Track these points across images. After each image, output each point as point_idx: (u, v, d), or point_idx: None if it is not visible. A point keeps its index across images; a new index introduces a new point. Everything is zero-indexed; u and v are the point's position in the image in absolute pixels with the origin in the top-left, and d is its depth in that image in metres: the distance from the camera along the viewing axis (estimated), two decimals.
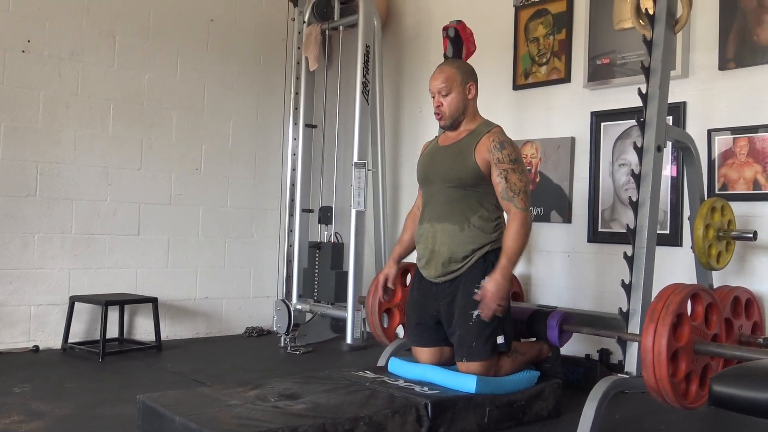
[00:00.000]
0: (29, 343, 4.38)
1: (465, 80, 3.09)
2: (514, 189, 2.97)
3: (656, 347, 2.68)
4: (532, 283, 4.56)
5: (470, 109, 3.14)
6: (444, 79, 3.05)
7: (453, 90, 3.05)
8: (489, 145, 3.01)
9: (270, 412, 2.48)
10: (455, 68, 3.10)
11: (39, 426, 2.83)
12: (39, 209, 4.42)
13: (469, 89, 3.11)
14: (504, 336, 2.97)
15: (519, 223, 2.95)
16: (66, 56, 4.52)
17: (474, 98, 3.14)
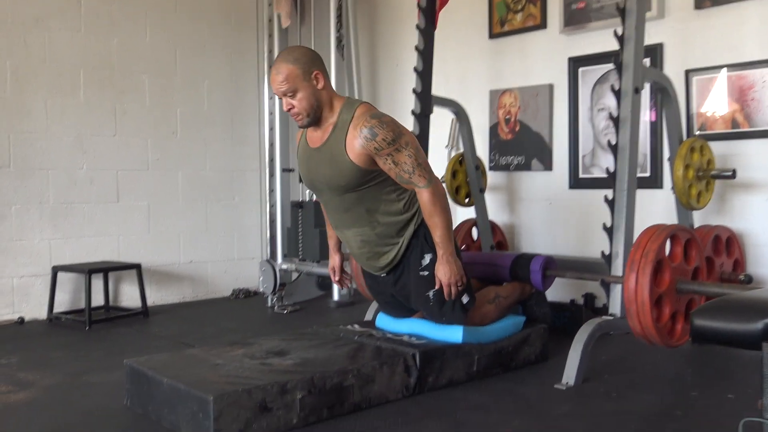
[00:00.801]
0: (14, 315, 4.36)
1: (308, 72, 2.63)
2: (407, 169, 2.66)
3: (639, 297, 2.72)
4: (515, 231, 4.58)
5: (325, 98, 2.69)
6: (284, 80, 2.61)
7: (299, 87, 2.62)
8: (359, 137, 2.63)
9: (258, 370, 2.48)
10: (292, 63, 2.62)
11: (28, 396, 2.83)
12: (14, 181, 4.35)
13: (316, 78, 2.65)
14: (466, 293, 2.91)
15: (429, 201, 2.69)
16: (31, 23, 4.40)
17: (325, 86, 2.69)
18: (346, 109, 2.71)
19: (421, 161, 2.70)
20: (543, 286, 3.29)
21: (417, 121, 3.86)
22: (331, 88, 2.76)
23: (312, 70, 2.65)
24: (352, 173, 2.69)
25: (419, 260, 2.87)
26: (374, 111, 2.72)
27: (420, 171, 2.68)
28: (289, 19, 5.00)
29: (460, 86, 4.78)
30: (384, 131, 2.62)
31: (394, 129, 2.65)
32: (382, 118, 2.66)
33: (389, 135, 2.62)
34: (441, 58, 4.77)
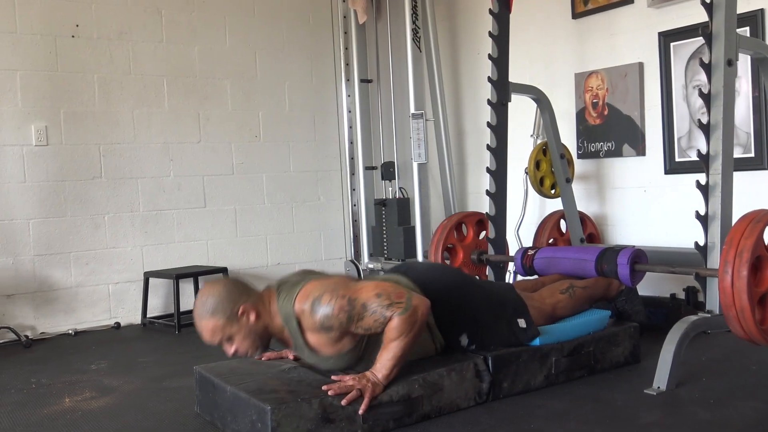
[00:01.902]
0: (111, 320, 4.51)
1: (232, 315, 2.32)
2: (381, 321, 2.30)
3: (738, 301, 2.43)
4: (607, 222, 4.30)
5: (265, 321, 2.39)
6: (211, 336, 2.35)
7: (232, 333, 2.34)
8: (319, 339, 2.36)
9: (322, 381, 2.40)
10: (210, 317, 2.32)
11: (108, 402, 2.88)
12: (106, 190, 4.51)
13: (245, 315, 2.34)
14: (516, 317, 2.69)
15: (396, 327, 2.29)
16: (115, 37, 4.53)
17: (258, 313, 2.36)
18: (287, 318, 2.37)
19: (389, 301, 2.29)
20: (632, 282, 3.04)
21: (493, 111, 3.68)
22: (262, 301, 2.40)
23: (236, 310, 2.31)
24: (346, 358, 2.41)
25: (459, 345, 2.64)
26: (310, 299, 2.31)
27: (391, 310, 2.28)
28: (365, 15, 4.92)
29: (546, 71, 4.55)
30: (335, 318, 2.27)
31: (342, 305, 2.27)
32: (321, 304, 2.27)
33: (343, 317, 2.27)
34: (524, 42, 4.60)
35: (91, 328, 4.42)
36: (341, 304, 2.27)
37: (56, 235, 4.35)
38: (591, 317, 2.90)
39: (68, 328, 4.35)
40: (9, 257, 4.22)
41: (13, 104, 4.22)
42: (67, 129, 4.38)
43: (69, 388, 3.11)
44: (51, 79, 4.33)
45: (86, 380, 3.24)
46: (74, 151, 4.41)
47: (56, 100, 4.34)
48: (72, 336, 4.29)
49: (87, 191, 4.45)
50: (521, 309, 2.74)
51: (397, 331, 2.30)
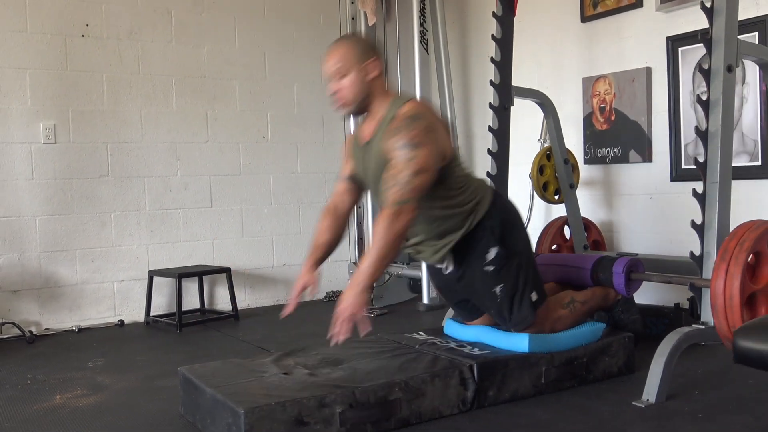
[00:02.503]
0: (115, 317, 4.55)
1: (362, 57, 2.49)
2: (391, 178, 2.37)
3: (728, 291, 2.39)
4: (614, 229, 4.23)
5: (375, 90, 2.53)
6: (335, 61, 2.48)
7: (349, 71, 2.48)
8: (390, 132, 2.43)
9: (302, 382, 2.39)
10: (348, 46, 2.52)
11: (97, 400, 2.90)
12: (113, 189, 4.55)
13: (370, 68, 2.50)
14: (535, 290, 2.69)
15: (381, 220, 2.34)
16: (124, 36, 4.57)
17: (378, 77, 2.52)
18: (392, 106, 2.52)
19: (414, 184, 2.34)
20: (627, 291, 2.99)
21: (495, 115, 3.64)
22: (385, 82, 2.60)
23: (367, 58, 2.50)
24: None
25: (484, 254, 2.66)
26: (414, 112, 2.44)
27: (399, 188, 2.33)
28: (374, 16, 4.91)
29: (553, 74, 4.49)
30: (404, 133, 2.37)
31: (415, 136, 2.36)
32: (413, 122, 2.39)
33: (404, 140, 2.36)
34: (533, 46, 4.55)
35: (95, 325, 4.46)
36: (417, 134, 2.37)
37: (62, 232, 4.40)
38: (584, 329, 2.84)
39: (72, 324, 4.39)
40: (16, 253, 4.27)
41: (22, 102, 4.27)
42: (75, 127, 4.42)
43: (62, 385, 3.13)
44: (60, 78, 4.38)
45: (81, 377, 3.27)
46: (82, 150, 4.45)
47: (65, 99, 4.39)
48: (76, 333, 4.33)
49: (94, 189, 4.49)
50: (542, 292, 2.73)
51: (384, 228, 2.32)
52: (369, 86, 2.51)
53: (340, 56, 2.49)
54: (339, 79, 2.49)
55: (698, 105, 2.73)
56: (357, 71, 2.48)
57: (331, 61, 2.50)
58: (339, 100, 2.54)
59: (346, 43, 2.54)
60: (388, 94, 2.57)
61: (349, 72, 2.48)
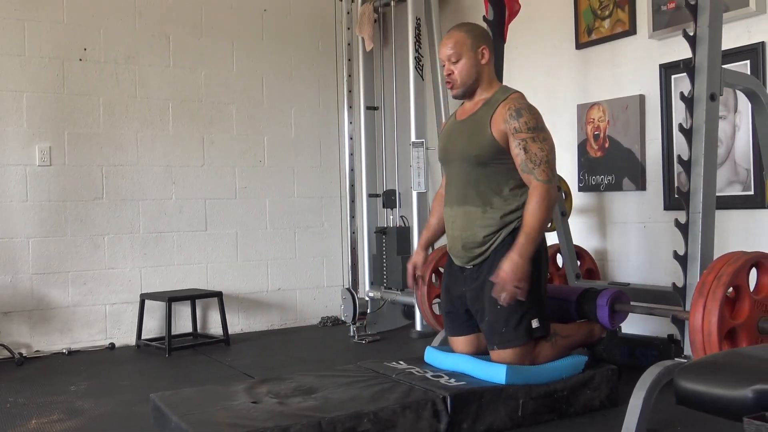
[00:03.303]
0: (106, 340, 4.54)
1: (476, 44, 2.80)
2: (534, 160, 2.67)
3: (706, 326, 2.32)
4: (607, 258, 4.17)
5: (485, 75, 2.84)
6: (453, 45, 2.79)
7: (463, 55, 2.78)
8: (505, 114, 2.71)
9: (269, 411, 2.36)
10: (464, 32, 2.82)
11: (70, 425, 2.88)
12: (107, 211, 4.56)
13: (482, 53, 2.81)
14: (539, 319, 2.69)
15: (539, 197, 2.65)
16: (122, 60, 4.61)
17: (488, 63, 2.84)
18: (502, 91, 2.82)
19: (551, 160, 2.70)
20: (612, 323, 2.92)
21: None
22: (493, 69, 2.88)
23: (480, 44, 2.80)
24: (487, 145, 2.73)
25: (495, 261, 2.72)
26: (525, 101, 2.79)
27: (545, 167, 2.67)
28: (371, 42, 4.92)
29: (548, 101, 4.45)
30: (529, 116, 2.68)
31: (538, 120, 2.71)
32: (531, 107, 2.74)
33: (532, 122, 2.68)
34: (527, 72, 4.54)
35: (86, 347, 4.45)
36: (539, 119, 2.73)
37: (55, 255, 4.41)
38: (566, 362, 2.78)
39: (63, 347, 4.38)
40: (8, 275, 4.28)
41: (18, 125, 4.31)
42: (70, 150, 4.45)
43: (41, 410, 3.12)
44: (57, 101, 4.42)
45: (60, 402, 3.24)
46: (77, 172, 4.47)
47: (61, 122, 4.43)
48: (65, 355, 4.32)
49: (88, 212, 4.50)
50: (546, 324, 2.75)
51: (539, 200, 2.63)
52: (479, 71, 2.80)
53: (456, 41, 2.78)
54: (454, 63, 2.78)
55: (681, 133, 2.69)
56: (470, 56, 2.78)
57: (447, 45, 2.78)
58: (451, 82, 2.81)
59: (463, 30, 2.82)
60: (495, 82, 2.88)
61: (462, 56, 2.77)
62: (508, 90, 2.85)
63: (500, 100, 2.77)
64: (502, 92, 2.83)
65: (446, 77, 2.84)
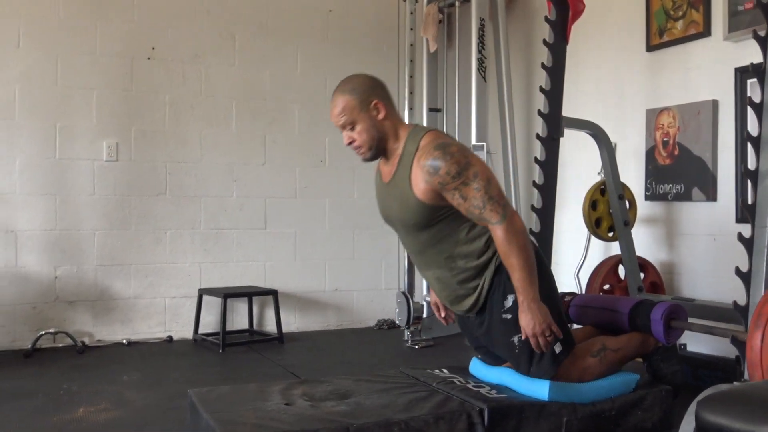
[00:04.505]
0: (164, 333, 4.63)
1: (366, 102, 2.41)
2: (477, 204, 2.36)
3: (766, 349, 2.14)
4: (674, 271, 3.96)
5: (388, 128, 2.44)
6: (341, 112, 2.42)
7: (357, 120, 2.41)
8: (422, 173, 2.35)
9: (299, 414, 2.32)
10: (348, 94, 2.43)
11: (115, 415, 2.93)
12: (169, 207, 4.65)
13: (376, 109, 2.42)
14: (559, 342, 2.51)
15: (503, 239, 2.35)
16: (188, 59, 4.70)
17: (387, 115, 2.44)
18: (411, 140, 2.43)
19: (494, 194, 2.36)
20: (667, 340, 2.75)
21: (543, 146, 3.49)
22: (396, 116, 2.50)
23: (371, 100, 2.42)
24: (420, 211, 2.42)
25: (501, 302, 2.51)
26: (440, 140, 2.39)
27: (492, 205, 2.35)
28: (435, 44, 4.85)
29: (617, 106, 4.29)
30: (448, 163, 2.32)
31: (459, 160, 2.34)
32: (446, 149, 2.35)
33: (453, 167, 2.32)
34: (596, 75, 4.40)
35: (145, 339, 4.55)
36: (459, 159, 2.34)
37: (119, 247, 4.53)
38: (615, 380, 2.62)
39: (123, 337, 4.50)
40: (73, 265, 4.42)
41: (88, 120, 4.45)
42: (136, 146, 4.57)
43: (90, 398, 3.19)
44: (125, 99, 4.54)
45: (110, 391, 3.32)
46: (142, 168, 4.58)
47: (128, 118, 4.55)
48: (125, 346, 4.43)
49: (151, 207, 4.61)
50: (568, 343, 2.54)
51: (508, 245, 2.34)
52: (380, 128, 2.44)
53: (343, 108, 2.42)
54: (350, 129, 2.44)
55: (748, 142, 2.51)
56: (363, 118, 2.42)
57: (335, 114, 2.44)
58: (357, 149, 2.48)
59: (346, 92, 2.44)
60: (401, 128, 2.48)
61: (356, 121, 2.42)
62: (417, 134, 2.44)
63: (412, 154, 2.40)
64: (411, 141, 2.43)
65: (348, 146, 2.49)
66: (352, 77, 2.50)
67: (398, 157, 2.46)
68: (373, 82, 2.49)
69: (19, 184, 4.30)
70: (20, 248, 4.30)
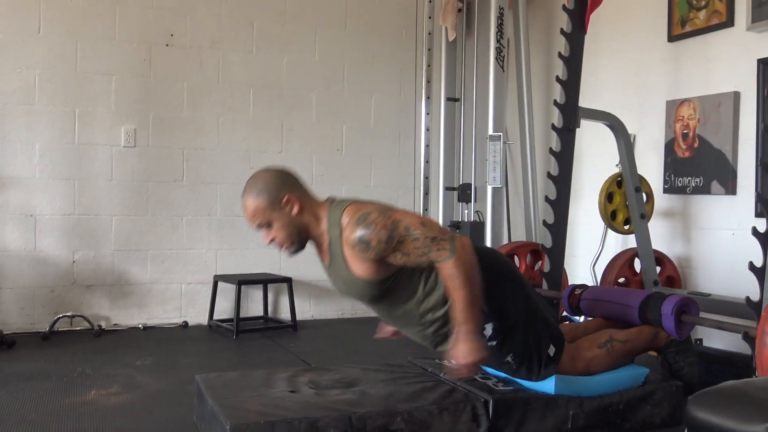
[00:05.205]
0: (180, 319, 4.66)
1: (276, 201, 2.27)
2: (423, 252, 2.21)
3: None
4: (691, 266, 3.90)
5: (307, 219, 2.32)
6: (253, 216, 2.30)
7: (272, 220, 2.29)
8: (356, 254, 2.23)
9: (303, 402, 2.33)
10: (255, 197, 2.29)
11: (125, 399, 2.96)
12: (186, 193, 4.68)
13: (288, 205, 2.28)
14: (551, 343, 2.48)
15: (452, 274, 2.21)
16: (207, 46, 4.71)
17: (302, 205, 2.30)
18: (332, 224, 2.30)
19: (434, 233, 2.22)
20: (678, 334, 2.71)
21: (559, 137, 3.45)
22: (311, 200, 2.36)
23: (281, 197, 2.27)
24: (370, 288, 2.32)
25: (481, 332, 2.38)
26: (357, 213, 2.23)
27: (436, 245, 2.21)
28: (454, 32, 4.81)
29: (637, 96, 4.22)
30: (376, 233, 2.18)
31: (385, 224, 2.19)
32: (367, 219, 2.20)
33: (383, 234, 2.18)
34: (616, 65, 4.34)
35: (161, 324, 4.60)
36: (384, 222, 2.20)
37: (136, 233, 4.57)
38: (623, 373, 2.61)
39: (139, 322, 4.54)
40: (91, 250, 4.47)
41: (106, 106, 4.49)
42: (154, 132, 4.59)
43: (103, 381, 3.23)
44: (144, 85, 4.56)
45: (123, 375, 3.35)
46: (159, 154, 4.61)
47: (147, 105, 4.57)
48: (141, 330, 4.48)
49: (168, 193, 4.64)
50: (557, 339, 2.50)
51: (456, 279, 2.19)
52: (298, 222, 2.31)
53: (254, 212, 2.30)
54: (268, 228, 2.32)
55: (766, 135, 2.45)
56: (278, 216, 2.29)
57: (249, 218, 2.33)
58: (279, 246, 2.36)
59: (252, 195, 2.30)
60: (321, 211, 2.34)
61: (271, 221, 2.30)
62: (336, 214, 2.29)
63: (339, 238, 2.28)
64: (333, 226, 2.29)
65: (269, 243, 2.37)
66: (256, 177, 2.35)
67: (327, 242, 2.35)
68: (279, 177, 2.33)
69: (39, 168, 4.35)
70: (39, 232, 4.35)
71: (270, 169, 2.40)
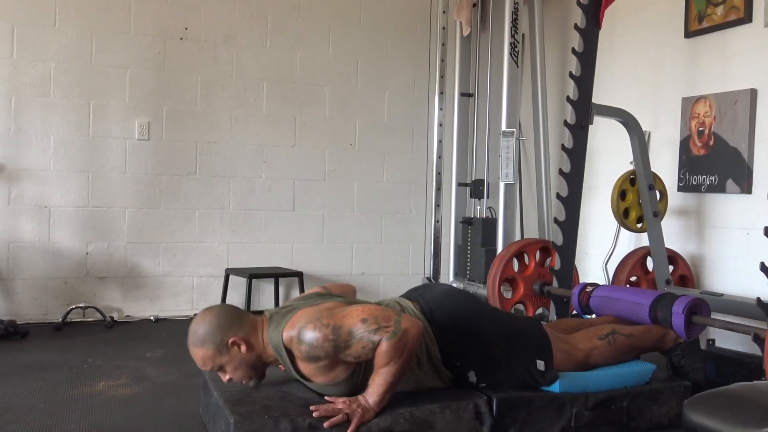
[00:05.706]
0: (192, 311, 4.69)
1: (222, 345, 2.27)
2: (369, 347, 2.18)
3: None
4: (705, 265, 3.86)
5: (258, 352, 2.31)
6: (203, 364, 2.32)
7: (223, 363, 2.30)
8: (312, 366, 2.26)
9: (307, 399, 2.32)
10: (200, 346, 2.29)
11: (133, 391, 2.98)
12: (199, 187, 4.70)
13: (236, 346, 2.28)
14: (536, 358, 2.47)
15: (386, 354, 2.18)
16: (221, 40, 4.72)
17: (249, 343, 2.28)
18: (277, 348, 2.29)
19: (376, 325, 2.18)
20: (688, 335, 2.68)
21: (571, 134, 3.42)
22: (256, 331, 2.32)
23: (226, 341, 2.27)
24: (343, 384, 2.31)
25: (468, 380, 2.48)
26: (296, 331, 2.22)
27: (379, 334, 2.17)
28: (469, 27, 4.78)
29: (652, 93, 4.17)
30: (320, 346, 2.18)
31: (326, 335, 2.17)
32: (308, 336, 2.19)
33: (329, 345, 2.18)
34: (632, 61, 4.30)
35: (172, 316, 4.62)
36: (326, 333, 2.18)
37: (149, 225, 4.60)
38: (629, 369, 2.59)
39: (151, 314, 4.58)
40: (104, 242, 4.51)
41: (121, 99, 4.51)
42: (168, 125, 4.61)
43: (112, 373, 3.25)
44: (157, 78, 4.58)
45: (132, 367, 3.37)
46: (173, 147, 4.63)
47: (161, 98, 4.59)
48: (152, 322, 4.51)
49: (181, 186, 4.66)
50: (542, 348, 2.50)
51: (387, 357, 2.19)
52: (248, 360, 2.31)
53: (203, 360, 2.31)
54: (222, 372, 2.34)
55: None
56: (229, 359, 2.29)
57: (201, 366, 2.34)
58: (239, 383, 2.36)
59: (198, 344, 2.30)
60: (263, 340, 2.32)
61: (223, 364, 2.30)
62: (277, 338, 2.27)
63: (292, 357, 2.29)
64: (278, 349, 2.29)
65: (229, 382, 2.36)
66: (197, 325, 2.33)
67: (283, 364, 2.35)
68: (218, 323, 2.30)
69: (54, 161, 4.39)
70: (53, 224, 4.39)
71: (208, 313, 2.37)
